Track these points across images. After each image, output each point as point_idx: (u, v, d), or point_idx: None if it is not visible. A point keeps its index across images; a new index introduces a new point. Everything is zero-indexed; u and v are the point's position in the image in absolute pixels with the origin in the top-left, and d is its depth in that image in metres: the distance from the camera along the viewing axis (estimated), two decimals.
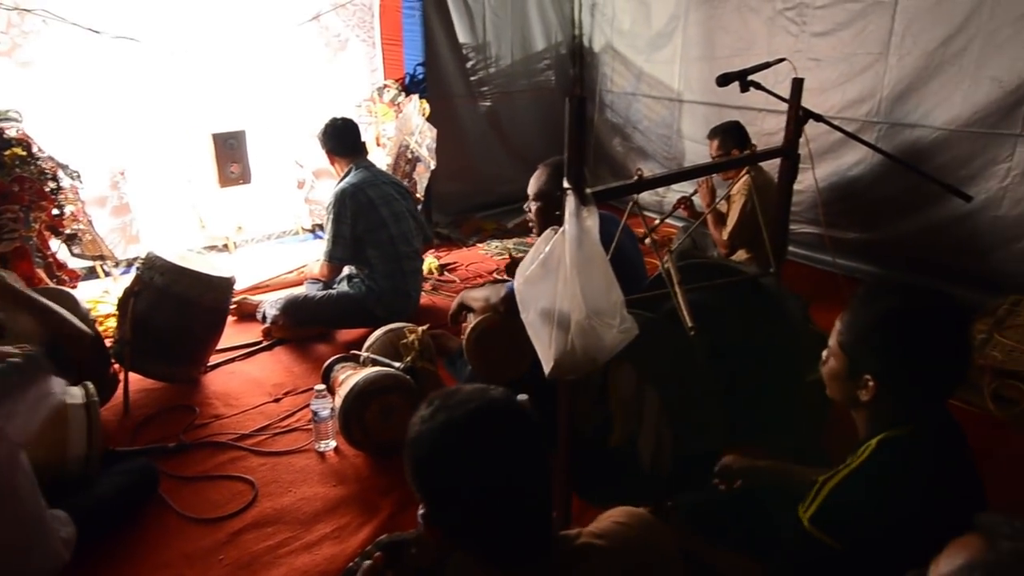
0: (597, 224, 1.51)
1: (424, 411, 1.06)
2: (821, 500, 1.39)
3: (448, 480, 1.03)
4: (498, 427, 1.04)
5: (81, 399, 2.16)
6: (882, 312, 1.39)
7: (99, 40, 3.69)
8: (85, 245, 3.51)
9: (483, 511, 1.03)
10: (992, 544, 0.78)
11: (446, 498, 1.04)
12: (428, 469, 1.05)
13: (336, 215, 3.28)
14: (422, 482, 1.06)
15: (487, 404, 1.05)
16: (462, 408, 1.04)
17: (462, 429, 1.02)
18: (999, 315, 3.23)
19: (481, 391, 1.08)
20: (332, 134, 3.45)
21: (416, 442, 1.05)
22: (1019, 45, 3.27)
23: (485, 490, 1.01)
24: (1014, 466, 2.47)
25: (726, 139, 3.65)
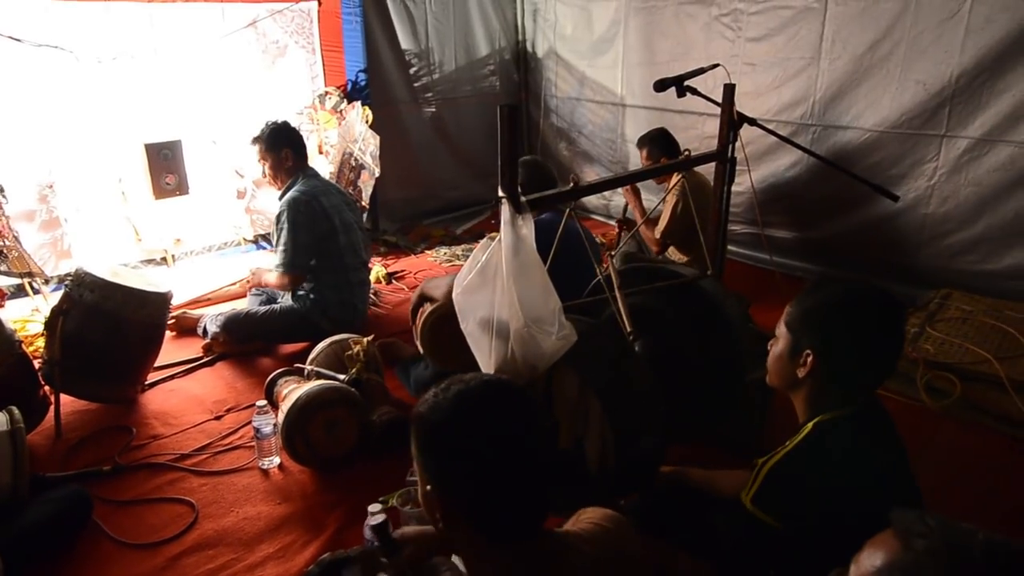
0: (533, 232, 1.51)
1: (436, 388, 1.11)
2: (760, 480, 1.47)
3: (461, 443, 1.06)
4: (509, 398, 1.10)
5: (5, 426, 2.06)
6: (827, 296, 1.50)
7: (21, 48, 3.54)
8: (12, 262, 3.36)
9: (491, 478, 1.06)
10: (907, 543, 0.79)
11: (457, 464, 1.07)
12: (442, 434, 1.08)
13: (292, 223, 3.14)
14: (433, 449, 1.09)
15: (498, 380, 1.14)
16: (476, 380, 1.11)
17: (476, 396, 1.08)
18: (930, 309, 3.35)
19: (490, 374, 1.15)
20: (283, 137, 3.27)
21: (432, 411, 1.09)
22: (941, 49, 3.41)
23: (495, 456, 1.05)
24: (948, 455, 2.56)
25: (653, 148, 3.70)
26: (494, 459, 1.05)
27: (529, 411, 1.11)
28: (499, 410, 1.09)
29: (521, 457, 1.07)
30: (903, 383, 2.91)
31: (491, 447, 1.05)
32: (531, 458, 1.08)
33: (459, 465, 1.07)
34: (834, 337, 1.45)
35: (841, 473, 1.42)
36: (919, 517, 0.80)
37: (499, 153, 1.54)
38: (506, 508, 1.08)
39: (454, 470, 1.08)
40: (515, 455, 1.07)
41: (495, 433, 1.06)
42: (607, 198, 5.26)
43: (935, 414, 2.79)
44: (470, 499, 1.08)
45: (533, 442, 1.09)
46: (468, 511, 1.10)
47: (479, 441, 1.06)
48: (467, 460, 1.06)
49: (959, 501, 2.24)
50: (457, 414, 1.07)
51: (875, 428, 1.50)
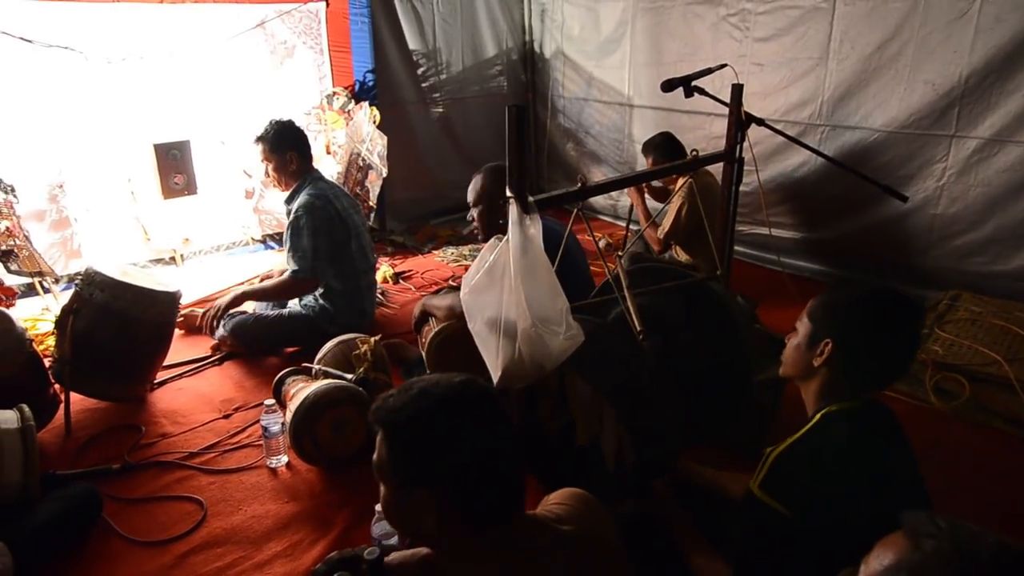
0: (541, 232, 1.51)
1: (391, 395, 1.13)
2: (768, 466, 1.50)
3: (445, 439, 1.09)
4: (473, 397, 1.13)
5: (15, 424, 2.08)
6: (852, 291, 1.57)
7: (32, 49, 3.57)
8: (22, 261, 3.39)
9: (463, 468, 1.09)
10: (916, 544, 0.79)
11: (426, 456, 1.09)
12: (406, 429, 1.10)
13: (312, 228, 3.09)
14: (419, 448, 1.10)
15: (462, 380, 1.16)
16: (441, 380, 1.14)
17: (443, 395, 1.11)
18: (939, 310, 3.34)
19: (447, 374, 1.17)
20: (289, 139, 3.20)
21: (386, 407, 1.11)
22: (950, 50, 3.40)
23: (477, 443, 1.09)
24: (957, 456, 2.54)
25: (658, 155, 3.68)
26: (477, 446, 1.09)
27: (495, 409, 1.15)
28: (466, 402, 1.12)
29: (491, 451, 1.11)
30: (912, 384, 2.89)
31: (472, 434, 1.09)
32: (501, 453, 1.11)
33: (450, 457, 1.09)
34: (854, 328, 1.49)
35: (846, 462, 1.45)
36: (929, 518, 0.81)
37: (507, 154, 1.54)
38: (492, 492, 1.11)
39: (447, 463, 1.09)
40: (495, 438, 1.11)
41: (472, 423, 1.10)
42: (614, 198, 5.26)
43: (944, 415, 2.77)
44: (465, 489, 1.10)
45: (502, 439, 1.13)
46: (462, 503, 1.11)
47: (461, 431, 1.09)
48: (456, 450, 1.09)
49: (968, 503, 2.23)
50: (427, 407, 1.09)
51: (881, 424, 1.54)
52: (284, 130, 3.22)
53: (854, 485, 1.42)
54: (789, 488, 1.46)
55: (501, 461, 1.12)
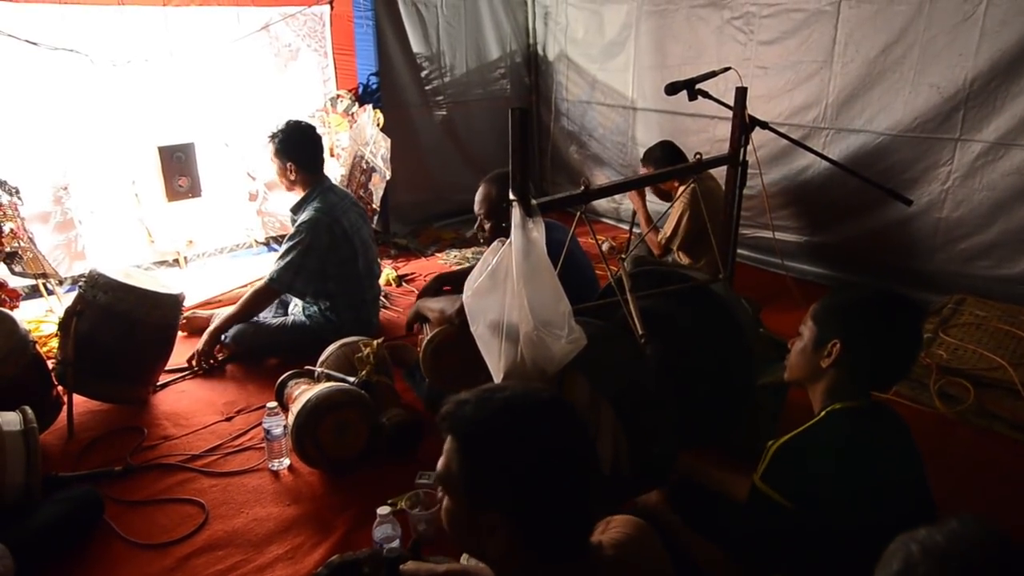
0: (543, 235, 1.51)
1: (473, 394, 1.07)
2: (769, 458, 1.53)
3: (503, 456, 1.02)
4: (560, 418, 1.06)
5: (18, 425, 2.08)
6: (856, 295, 1.60)
7: (38, 52, 3.58)
8: (27, 263, 3.39)
9: (543, 494, 1.02)
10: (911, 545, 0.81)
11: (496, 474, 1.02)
12: (486, 444, 1.03)
13: (307, 247, 3.04)
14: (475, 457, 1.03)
15: (551, 398, 1.09)
16: (528, 394, 1.07)
17: (528, 411, 1.04)
18: (944, 314, 3.32)
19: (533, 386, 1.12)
20: (301, 143, 3.13)
21: (464, 418, 1.04)
22: (955, 53, 3.39)
23: (539, 472, 1.01)
24: (961, 461, 2.53)
25: (657, 167, 3.60)
26: (560, 471, 1.02)
27: (582, 432, 1.09)
28: (553, 422, 1.05)
29: (580, 471, 1.04)
30: (916, 389, 2.88)
31: (556, 458, 1.02)
32: (581, 480, 1.04)
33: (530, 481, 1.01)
34: (861, 329, 1.51)
35: (847, 455, 1.47)
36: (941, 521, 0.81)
37: (510, 157, 1.54)
38: (569, 522, 1.05)
39: (527, 487, 1.02)
40: (577, 469, 1.03)
41: (558, 446, 1.03)
42: (617, 201, 5.26)
43: (948, 420, 2.76)
44: (542, 517, 1.03)
45: (584, 463, 1.06)
46: (536, 531, 1.03)
47: (546, 453, 1.02)
48: (537, 474, 1.01)
49: (973, 508, 2.22)
50: (511, 424, 1.03)
51: (886, 423, 1.56)
52: (293, 138, 3.14)
53: (855, 479, 1.44)
54: (790, 480, 1.48)
55: (581, 489, 1.04)
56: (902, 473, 1.52)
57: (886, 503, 1.44)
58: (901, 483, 1.51)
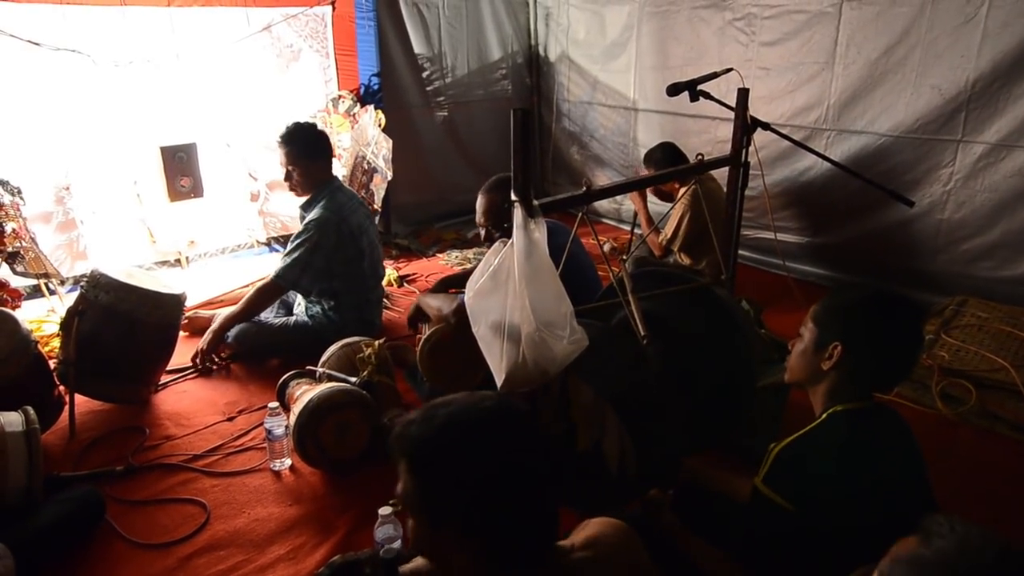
0: (545, 236, 1.51)
1: (419, 413, 1.06)
2: (771, 462, 1.53)
3: (452, 472, 1.01)
4: (506, 424, 1.05)
5: (20, 426, 2.08)
6: (856, 295, 1.58)
7: (40, 52, 3.58)
8: (28, 263, 3.39)
9: (498, 505, 1.01)
10: (925, 542, 0.81)
11: (447, 490, 1.02)
12: (433, 461, 1.03)
13: (315, 244, 3.05)
14: (425, 475, 1.03)
15: (495, 405, 1.06)
16: (471, 406, 1.05)
17: (471, 424, 1.03)
18: (946, 316, 3.32)
19: (478, 394, 1.09)
20: (313, 144, 3.17)
21: (409, 437, 1.03)
22: (957, 54, 3.39)
23: (490, 483, 1.00)
24: (963, 463, 2.53)
25: (658, 168, 3.60)
26: (513, 480, 1.01)
27: (534, 437, 1.08)
28: (500, 431, 1.04)
29: (535, 476, 1.04)
30: (918, 390, 2.88)
31: (507, 467, 1.01)
32: (534, 488, 1.04)
33: (484, 494, 1.01)
34: (862, 330, 1.51)
35: (849, 457, 1.46)
36: (946, 520, 0.82)
37: (512, 158, 1.54)
38: (507, 534, 1.03)
39: (481, 501, 1.02)
40: (517, 483, 1.02)
41: (508, 454, 1.02)
42: (618, 202, 5.26)
43: (951, 422, 2.76)
44: (500, 528, 1.02)
45: (537, 470, 1.05)
46: (497, 542, 1.03)
47: (496, 464, 1.01)
48: (490, 486, 1.01)
49: (974, 509, 2.22)
50: (456, 438, 1.02)
51: (887, 424, 1.55)
52: (318, 137, 3.20)
53: (856, 481, 1.44)
54: (792, 483, 1.48)
55: (539, 495, 1.04)
56: (904, 475, 1.52)
57: (888, 505, 1.44)
58: (903, 485, 1.50)
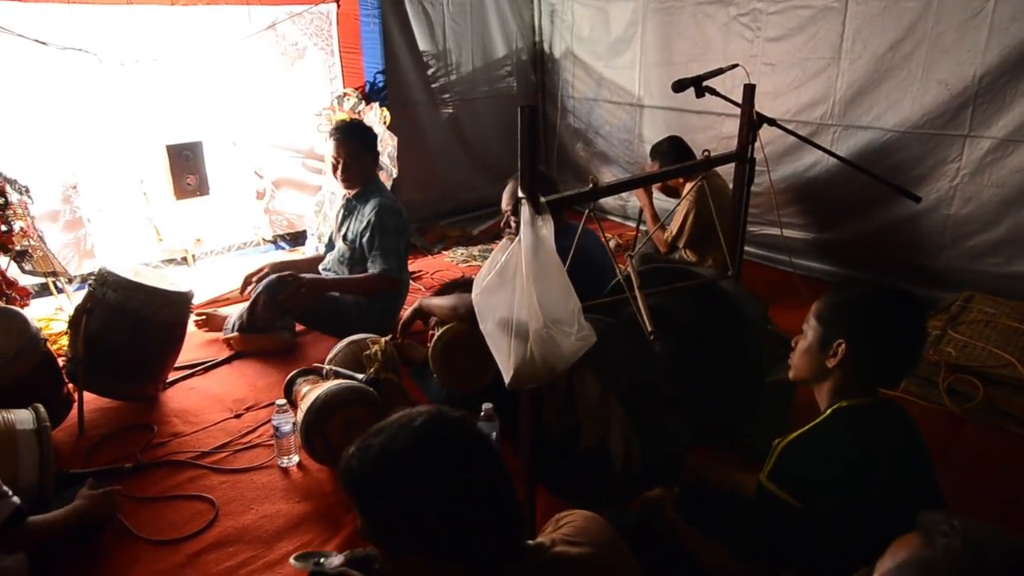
0: (552, 232, 1.51)
1: (358, 443, 1.05)
2: (776, 457, 1.53)
3: (396, 504, 1.01)
4: (440, 442, 1.03)
5: (32, 424, 2.09)
6: (859, 290, 1.58)
7: (47, 51, 3.60)
8: (36, 261, 3.41)
9: (440, 527, 1.01)
10: (928, 541, 0.80)
11: (397, 521, 1.02)
12: (375, 496, 1.03)
13: (396, 230, 3.24)
14: (371, 510, 1.04)
15: (424, 423, 1.04)
16: (401, 430, 1.03)
17: (404, 451, 1.02)
18: (952, 311, 3.31)
19: (410, 414, 1.07)
20: (373, 138, 3.39)
21: (351, 472, 1.03)
22: (964, 49, 3.37)
23: (437, 507, 1.00)
24: (970, 459, 2.52)
25: (665, 163, 3.64)
26: (433, 511, 1.00)
27: (469, 449, 1.05)
28: (430, 458, 1.02)
29: (464, 503, 1.01)
30: (924, 386, 2.87)
31: (450, 485, 1.00)
32: (477, 501, 1.03)
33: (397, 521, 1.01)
34: (866, 327, 1.50)
35: (854, 453, 1.47)
36: (945, 518, 0.81)
37: (519, 155, 1.54)
38: (462, 549, 1.03)
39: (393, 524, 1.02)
40: (456, 502, 1.01)
41: (430, 485, 1.00)
42: (623, 199, 5.26)
43: (957, 417, 2.75)
44: (457, 544, 1.02)
45: (478, 484, 1.03)
46: (459, 559, 1.04)
47: (413, 499, 1.00)
48: (436, 508, 1.00)
49: (981, 505, 2.22)
50: (385, 474, 1.01)
51: (893, 420, 1.56)
52: (366, 132, 3.40)
53: (862, 477, 1.44)
54: (797, 478, 1.48)
55: (493, 500, 1.03)
56: (910, 471, 1.52)
57: (894, 501, 1.44)
58: (909, 481, 1.50)
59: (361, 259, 3.31)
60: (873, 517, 1.41)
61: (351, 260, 3.36)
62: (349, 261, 3.37)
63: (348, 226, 3.37)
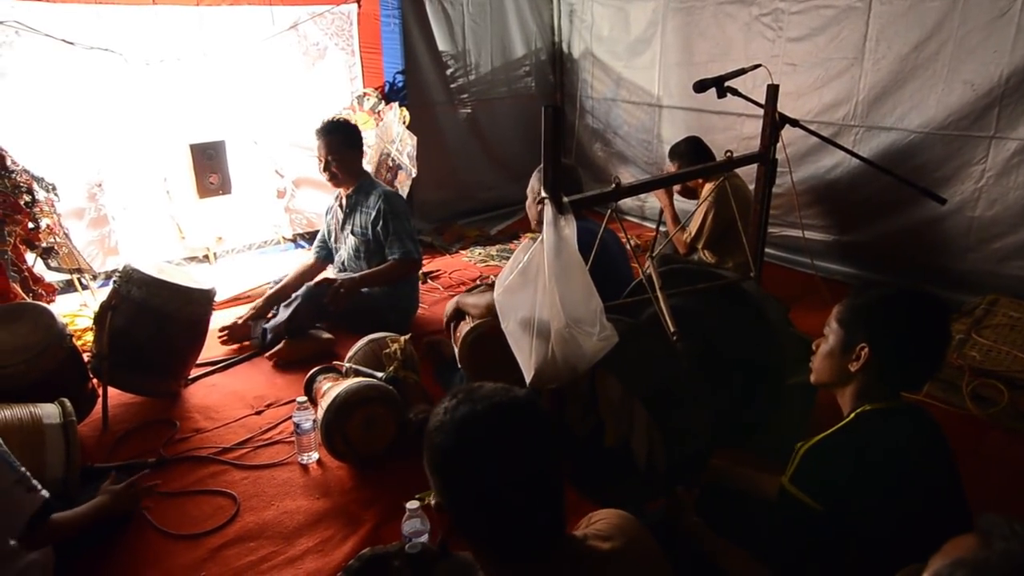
0: (575, 232, 1.51)
1: (447, 402, 1.08)
2: (798, 461, 1.51)
3: (466, 471, 1.04)
4: (518, 423, 1.06)
5: (58, 419, 2.12)
6: (880, 294, 1.55)
7: (73, 51, 3.65)
8: (62, 258, 3.47)
9: (497, 504, 1.04)
10: (985, 543, 0.78)
11: (462, 489, 1.05)
12: (447, 459, 1.06)
13: (406, 213, 3.39)
14: (439, 471, 1.07)
15: (509, 400, 1.07)
16: (485, 402, 1.05)
17: (483, 422, 1.04)
18: (976, 315, 3.27)
19: (504, 388, 1.10)
20: (354, 133, 3.44)
21: (437, 431, 1.06)
22: (990, 49, 3.33)
23: (501, 483, 1.03)
24: (995, 464, 2.49)
25: (684, 163, 3.59)
26: (496, 487, 1.03)
27: (540, 436, 1.08)
28: (505, 436, 1.05)
29: (526, 485, 1.04)
30: (948, 391, 2.84)
31: (493, 475, 1.03)
32: (536, 486, 1.05)
33: (462, 488, 1.05)
34: (889, 330, 1.49)
35: (877, 457, 1.45)
36: (1007, 521, 0.79)
37: (542, 155, 1.54)
38: (511, 531, 1.06)
39: (457, 493, 1.06)
40: (519, 483, 1.04)
41: (498, 461, 1.03)
42: (642, 199, 5.24)
43: (982, 422, 2.72)
44: (478, 522, 1.07)
45: (540, 470, 1.06)
46: (476, 532, 1.08)
47: (481, 469, 1.03)
48: (469, 486, 1.04)
49: (1007, 512, 2.18)
50: (461, 441, 1.04)
51: (917, 424, 1.54)
52: (352, 131, 3.44)
53: (885, 481, 1.42)
54: (819, 482, 1.47)
55: (541, 489, 1.06)
56: (935, 476, 1.50)
57: (918, 506, 1.42)
58: (934, 486, 1.48)
59: (378, 249, 3.40)
60: (897, 522, 1.40)
61: (367, 252, 3.44)
62: (366, 254, 3.45)
63: (354, 221, 3.47)
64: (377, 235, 3.36)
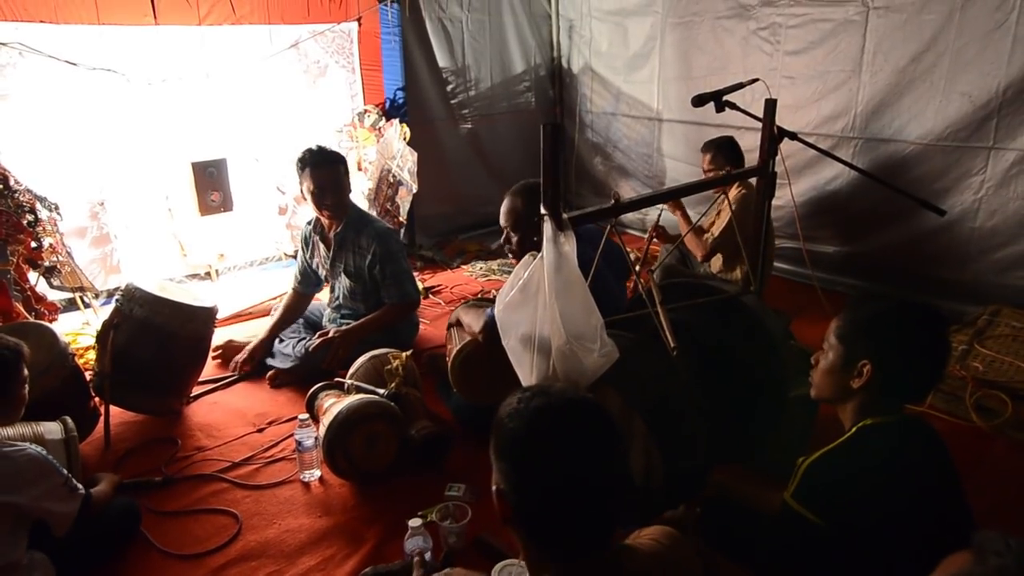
0: (575, 249, 1.51)
1: (521, 393, 1.12)
2: (800, 476, 1.52)
3: (534, 459, 1.06)
4: (588, 419, 1.09)
5: (60, 435, 2.12)
6: (879, 309, 1.55)
7: (76, 72, 3.68)
8: (64, 277, 3.48)
9: (560, 494, 1.06)
10: (980, 559, 0.78)
11: (528, 476, 1.07)
12: (517, 445, 1.07)
13: (403, 253, 3.31)
14: (507, 457, 1.08)
15: (581, 398, 1.12)
16: (559, 396, 1.10)
17: (556, 414, 1.08)
18: (979, 326, 3.26)
19: (575, 388, 1.14)
20: (344, 162, 3.26)
21: (510, 417, 1.09)
22: (987, 61, 3.35)
23: (567, 474, 1.04)
24: (998, 475, 2.48)
25: (717, 155, 3.57)
26: (565, 478, 1.05)
27: (607, 433, 1.09)
28: (576, 431, 1.07)
29: (592, 482, 1.06)
30: (952, 402, 2.83)
31: (564, 467, 1.05)
32: (602, 483, 1.07)
33: (533, 478, 1.07)
34: (890, 345, 1.48)
35: (880, 472, 1.45)
36: (1001, 537, 0.79)
37: (541, 171, 1.55)
38: (569, 528, 1.07)
39: (527, 481, 1.07)
40: (586, 480, 1.05)
41: (567, 454, 1.05)
42: (643, 212, 5.25)
43: (985, 434, 2.71)
44: (537, 511, 1.08)
45: (607, 466, 1.07)
46: (531, 521, 1.09)
47: (553, 459, 1.05)
48: (540, 475, 1.06)
49: (1010, 525, 2.17)
50: (534, 430, 1.06)
51: (920, 438, 1.54)
52: (343, 156, 3.33)
53: (888, 496, 1.42)
54: (821, 497, 1.46)
55: (603, 486, 1.07)
56: (938, 488, 1.50)
57: (921, 520, 1.42)
58: (937, 499, 1.48)
59: (375, 290, 3.26)
60: (899, 536, 1.39)
61: (363, 293, 3.28)
62: (362, 295, 3.29)
63: (346, 261, 3.27)
64: (373, 277, 3.23)
